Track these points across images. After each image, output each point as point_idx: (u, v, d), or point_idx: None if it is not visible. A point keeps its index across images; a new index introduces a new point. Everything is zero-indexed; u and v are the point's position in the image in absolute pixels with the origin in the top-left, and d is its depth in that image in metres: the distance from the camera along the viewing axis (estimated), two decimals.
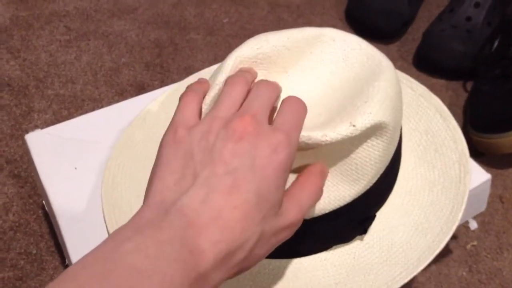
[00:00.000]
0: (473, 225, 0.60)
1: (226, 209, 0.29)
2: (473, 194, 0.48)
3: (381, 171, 0.40)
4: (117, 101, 0.72)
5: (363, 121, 0.35)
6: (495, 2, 0.79)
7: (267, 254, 0.32)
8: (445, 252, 0.58)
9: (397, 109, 0.40)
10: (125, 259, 0.25)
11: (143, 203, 0.31)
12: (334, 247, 0.41)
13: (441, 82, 0.79)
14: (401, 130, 0.44)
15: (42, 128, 0.52)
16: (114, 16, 0.88)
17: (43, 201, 0.59)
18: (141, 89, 0.75)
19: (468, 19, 0.78)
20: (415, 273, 0.39)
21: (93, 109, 0.70)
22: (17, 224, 0.59)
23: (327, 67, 0.42)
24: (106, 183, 0.46)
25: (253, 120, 0.32)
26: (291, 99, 0.35)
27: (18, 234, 0.58)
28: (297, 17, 0.89)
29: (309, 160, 0.37)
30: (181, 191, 0.30)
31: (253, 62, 0.40)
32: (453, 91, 0.78)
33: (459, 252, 0.58)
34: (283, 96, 0.40)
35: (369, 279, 0.39)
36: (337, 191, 0.39)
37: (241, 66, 0.39)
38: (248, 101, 0.34)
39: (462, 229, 0.60)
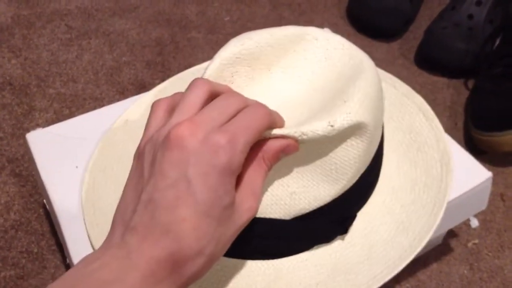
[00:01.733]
0: (474, 223, 0.60)
1: (175, 223, 0.29)
2: (475, 192, 0.48)
3: (362, 171, 0.40)
4: (118, 99, 0.72)
5: (341, 121, 0.35)
6: (497, 0, 0.79)
7: (228, 246, 0.33)
8: (446, 250, 0.58)
9: (378, 109, 0.40)
10: (92, 275, 0.28)
11: (111, 225, 0.32)
12: (315, 247, 0.41)
13: (442, 80, 0.79)
14: (383, 129, 0.44)
15: (43, 127, 0.52)
16: (115, 14, 0.88)
17: (44, 200, 0.59)
18: (142, 87, 0.75)
19: (470, 17, 0.78)
20: (395, 272, 0.39)
21: (94, 108, 0.70)
22: (18, 223, 0.59)
23: (309, 66, 0.42)
24: (87, 184, 0.46)
25: (192, 124, 0.30)
26: (253, 104, 0.33)
27: (19, 232, 0.58)
28: (299, 15, 0.89)
29: (288, 160, 0.37)
30: (133, 209, 0.31)
31: (236, 58, 0.40)
32: (454, 89, 0.77)
33: (460, 250, 0.58)
34: (264, 93, 0.40)
35: (349, 278, 0.39)
36: (317, 191, 0.38)
37: (224, 63, 0.39)
38: (202, 109, 0.32)
39: (464, 227, 0.60)
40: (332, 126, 0.35)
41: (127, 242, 0.30)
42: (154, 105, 0.35)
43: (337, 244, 0.42)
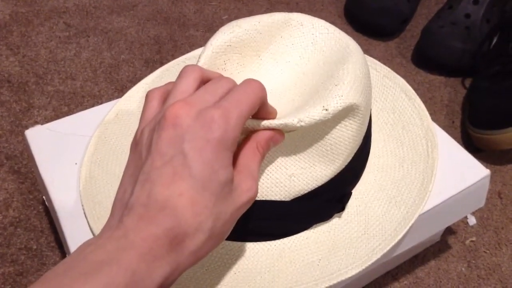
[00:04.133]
0: (472, 221, 0.60)
1: (172, 199, 0.29)
2: (472, 190, 0.48)
3: (355, 150, 0.42)
4: (117, 97, 0.72)
5: (335, 105, 0.37)
6: None
7: (232, 227, 0.33)
8: (444, 248, 0.58)
9: (367, 90, 0.41)
10: (87, 257, 0.27)
11: (110, 211, 0.32)
12: (315, 225, 0.43)
13: (440, 79, 0.79)
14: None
15: (42, 124, 0.52)
16: (114, 12, 0.88)
17: (43, 197, 0.59)
18: None
19: (467, 16, 0.79)
20: (392, 244, 0.41)
21: (93, 106, 0.70)
22: (17, 220, 0.59)
23: (296, 51, 0.43)
24: (85, 179, 0.46)
25: (185, 104, 0.31)
26: (245, 80, 0.34)
27: (18, 229, 0.58)
28: None
29: (286, 144, 0.38)
30: (131, 192, 0.31)
31: (228, 46, 0.41)
32: (451, 88, 0.78)
33: (458, 247, 0.58)
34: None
35: (350, 252, 0.41)
36: (314, 172, 0.40)
37: (217, 51, 0.40)
38: (195, 92, 0.33)
39: (461, 224, 0.60)
40: (326, 110, 0.36)
41: (124, 222, 0.29)
42: (148, 95, 0.36)
43: (335, 222, 0.43)
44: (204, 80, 0.35)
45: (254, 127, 0.35)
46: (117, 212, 0.31)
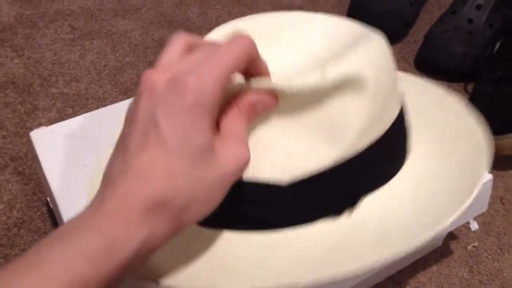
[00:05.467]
0: (474, 226, 0.61)
1: (146, 165, 0.29)
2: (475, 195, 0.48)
3: (369, 137, 0.37)
4: (121, 100, 0.72)
5: (333, 73, 0.34)
6: (497, 4, 0.80)
7: (224, 194, 0.32)
8: (446, 253, 0.58)
9: (382, 70, 0.37)
10: (64, 228, 0.29)
11: None
12: (320, 222, 0.37)
13: (442, 83, 0.79)
14: (405, 110, 0.42)
15: (46, 126, 0.52)
16: (118, 15, 0.88)
17: (47, 198, 0.60)
18: None
19: (470, 21, 0.79)
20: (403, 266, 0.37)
21: (97, 108, 0.70)
22: (21, 221, 0.59)
23: (311, 40, 0.42)
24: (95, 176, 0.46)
25: (160, 70, 0.31)
26: (231, 38, 0.32)
27: (22, 230, 0.58)
28: None
29: (282, 117, 0.35)
30: (113, 166, 0.31)
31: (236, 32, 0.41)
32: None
33: (460, 252, 0.59)
34: (270, 68, 0.38)
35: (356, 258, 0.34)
36: (314, 152, 0.36)
37: (223, 36, 0.39)
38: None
39: (463, 230, 0.61)
40: (323, 78, 0.33)
41: (102, 193, 0.30)
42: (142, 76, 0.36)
43: (343, 223, 0.38)
44: (192, 48, 0.34)
45: (239, 90, 0.33)
46: (101, 186, 0.31)
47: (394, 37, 0.86)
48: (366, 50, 0.37)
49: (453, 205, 0.38)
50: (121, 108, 0.54)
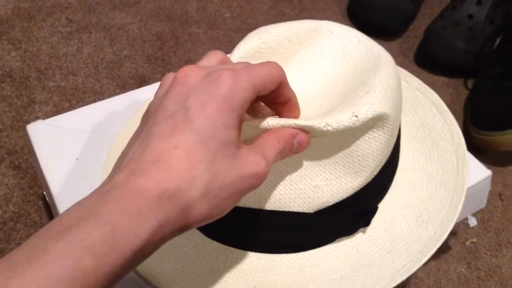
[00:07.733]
0: (473, 222, 0.60)
1: (167, 150, 0.28)
2: (473, 191, 0.48)
3: (383, 163, 0.40)
4: (118, 93, 0.72)
5: (365, 112, 0.35)
6: (497, 0, 0.79)
7: (234, 202, 0.30)
8: (445, 248, 0.58)
9: (398, 101, 0.40)
10: (67, 215, 0.26)
11: None
12: (337, 240, 0.41)
13: (442, 79, 0.79)
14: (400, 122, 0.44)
15: (43, 119, 0.52)
16: (116, 8, 0.88)
17: (44, 192, 0.59)
18: (142, 82, 0.75)
19: (470, 16, 0.78)
20: (419, 265, 0.39)
21: (94, 102, 0.70)
22: (17, 215, 0.59)
23: (325, 59, 0.42)
24: (107, 172, 0.46)
25: (198, 67, 0.31)
26: (263, 62, 0.33)
27: (18, 224, 0.58)
28: (299, 11, 0.89)
29: (311, 153, 0.37)
30: (129, 151, 0.30)
31: (255, 51, 0.40)
32: (454, 88, 0.78)
33: (458, 248, 0.58)
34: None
35: (373, 272, 0.39)
36: (339, 184, 0.38)
37: (243, 56, 0.40)
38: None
39: (462, 225, 0.60)
40: (356, 116, 0.35)
41: (113, 179, 0.28)
42: (164, 78, 0.35)
43: (358, 237, 0.41)
44: (225, 63, 0.35)
45: (278, 126, 0.34)
46: (112, 173, 0.30)
47: (394, 32, 0.85)
48: (385, 82, 0.38)
49: (447, 212, 0.42)
50: (118, 102, 0.54)
